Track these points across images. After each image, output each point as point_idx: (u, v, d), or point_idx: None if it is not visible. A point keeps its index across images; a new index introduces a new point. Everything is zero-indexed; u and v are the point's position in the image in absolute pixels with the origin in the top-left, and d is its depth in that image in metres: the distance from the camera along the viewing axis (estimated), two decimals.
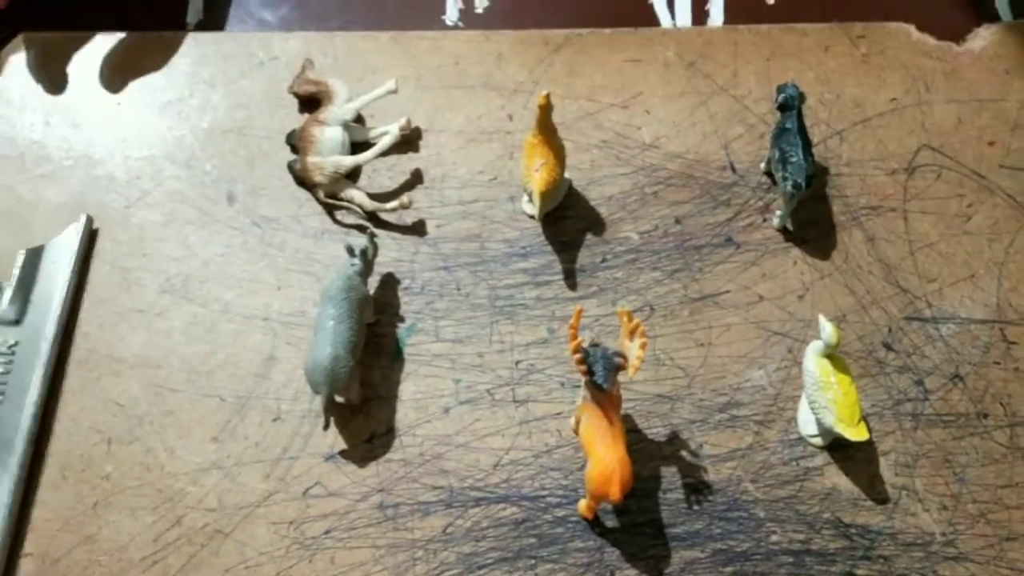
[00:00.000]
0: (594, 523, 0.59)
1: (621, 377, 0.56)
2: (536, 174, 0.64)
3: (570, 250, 0.68)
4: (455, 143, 0.73)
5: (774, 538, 0.59)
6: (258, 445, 0.62)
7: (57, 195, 0.72)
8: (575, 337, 0.53)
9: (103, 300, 0.67)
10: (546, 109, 0.63)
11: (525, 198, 0.70)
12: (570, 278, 0.67)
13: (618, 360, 0.55)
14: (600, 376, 0.55)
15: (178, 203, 0.71)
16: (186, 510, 0.60)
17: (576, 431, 0.61)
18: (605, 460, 0.54)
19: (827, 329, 0.58)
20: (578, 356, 0.54)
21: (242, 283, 0.68)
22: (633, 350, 0.54)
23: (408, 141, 0.72)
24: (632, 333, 0.55)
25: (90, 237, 0.70)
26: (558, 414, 0.63)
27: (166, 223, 0.70)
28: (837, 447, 0.61)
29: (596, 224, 0.69)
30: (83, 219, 0.69)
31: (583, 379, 0.55)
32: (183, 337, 0.66)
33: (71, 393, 0.64)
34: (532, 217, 0.69)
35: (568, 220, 0.70)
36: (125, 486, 0.61)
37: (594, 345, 0.56)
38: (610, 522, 0.60)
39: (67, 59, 0.62)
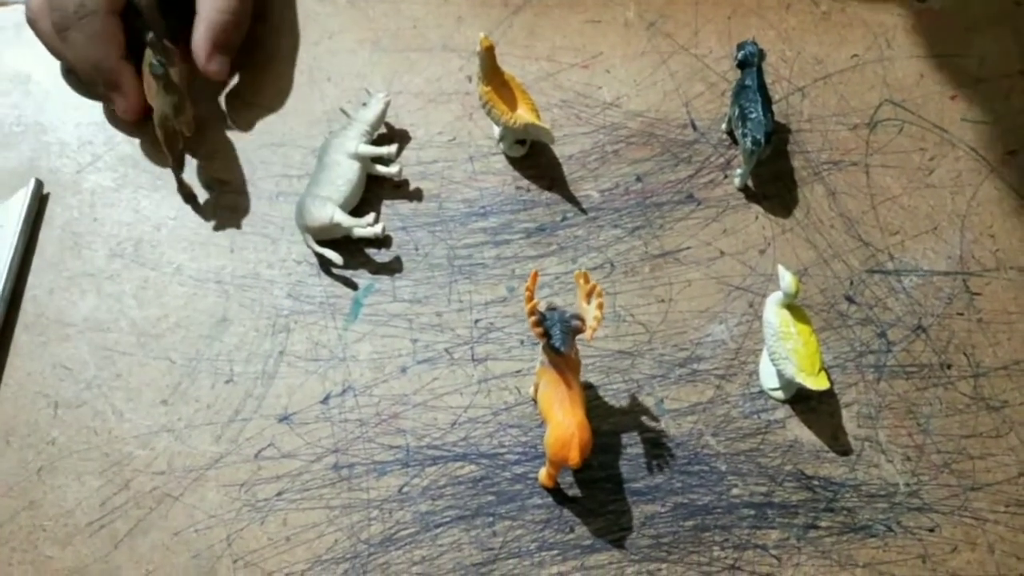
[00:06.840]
0: (555, 491, 0.58)
1: (579, 340, 0.55)
2: (520, 112, 0.64)
3: (530, 209, 0.67)
4: (413, 104, 0.72)
5: (736, 491, 0.58)
6: (209, 407, 0.61)
7: (7, 162, 0.70)
8: (531, 299, 0.52)
9: (53, 265, 0.66)
10: (491, 51, 0.63)
11: (504, 144, 0.69)
12: (530, 237, 0.66)
13: (575, 323, 0.54)
14: (557, 339, 0.53)
15: (130, 167, 0.69)
16: (134, 474, 0.59)
17: (536, 397, 0.60)
18: (563, 424, 0.53)
19: (786, 278, 0.57)
20: (534, 319, 0.52)
21: (194, 246, 0.66)
22: (591, 312, 0.53)
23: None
24: (589, 295, 0.54)
25: (40, 202, 0.68)
26: (517, 372, 0.62)
27: (117, 187, 0.69)
28: (799, 399, 0.60)
29: (557, 183, 0.68)
30: (32, 183, 0.67)
31: (540, 343, 0.54)
32: (134, 300, 0.64)
33: (18, 358, 0.63)
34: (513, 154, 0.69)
35: (528, 179, 0.68)
36: (72, 450, 0.60)
37: (551, 309, 0.55)
38: (569, 477, 0.58)
39: (18, 27, 0.62)
